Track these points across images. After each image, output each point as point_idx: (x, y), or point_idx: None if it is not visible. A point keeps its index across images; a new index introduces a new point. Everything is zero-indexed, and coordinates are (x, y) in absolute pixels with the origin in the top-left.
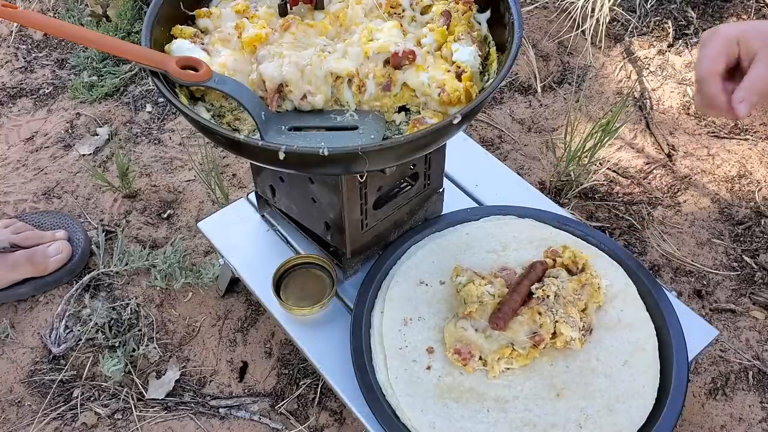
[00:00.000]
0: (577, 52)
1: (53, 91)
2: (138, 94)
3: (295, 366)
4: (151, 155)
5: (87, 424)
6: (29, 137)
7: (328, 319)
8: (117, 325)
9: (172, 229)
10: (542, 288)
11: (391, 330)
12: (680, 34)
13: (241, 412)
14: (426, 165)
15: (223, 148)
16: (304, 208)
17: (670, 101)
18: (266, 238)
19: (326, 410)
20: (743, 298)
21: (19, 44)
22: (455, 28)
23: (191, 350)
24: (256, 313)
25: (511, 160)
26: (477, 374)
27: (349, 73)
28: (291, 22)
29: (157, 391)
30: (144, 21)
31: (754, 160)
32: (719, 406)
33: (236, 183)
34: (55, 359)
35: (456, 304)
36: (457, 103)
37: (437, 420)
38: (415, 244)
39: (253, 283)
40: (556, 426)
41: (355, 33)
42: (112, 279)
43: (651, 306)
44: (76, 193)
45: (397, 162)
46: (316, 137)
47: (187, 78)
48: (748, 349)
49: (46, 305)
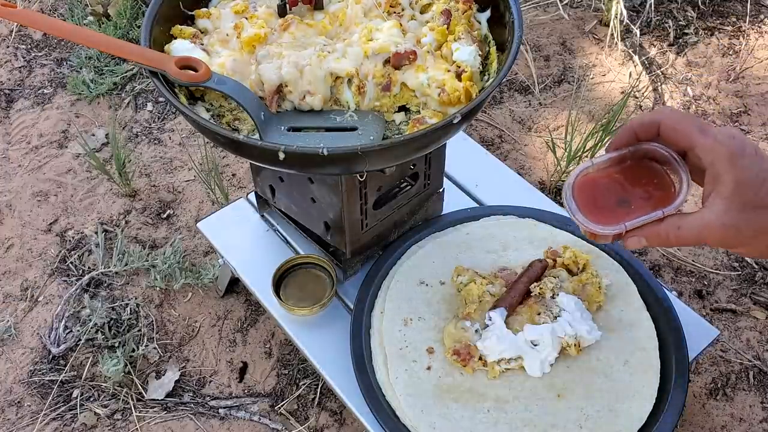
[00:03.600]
0: (577, 51)
1: (52, 90)
2: (138, 92)
3: (294, 366)
4: (150, 155)
5: (86, 425)
6: (28, 137)
7: (328, 319)
8: (116, 326)
9: (171, 229)
10: (540, 286)
11: (391, 330)
12: (680, 33)
13: (240, 413)
14: (426, 165)
15: (223, 148)
16: (303, 208)
17: (670, 101)
18: (266, 238)
19: (326, 411)
20: (744, 298)
21: (18, 44)
22: (455, 27)
23: (191, 350)
24: (256, 313)
25: (511, 160)
26: (477, 374)
27: (348, 73)
28: (290, 22)
29: (157, 391)
30: (143, 21)
31: None
32: (720, 406)
33: (236, 183)
34: (54, 359)
35: (456, 305)
36: (457, 103)
37: (437, 420)
38: (415, 244)
39: (252, 283)
40: (556, 426)
41: (355, 33)
42: (112, 279)
43: (651, 306)
44: (75, 193)
45: (397, 162)
46: (316, 137)
47: (187, 78)
48: (749, 349)
49: (46, 305)
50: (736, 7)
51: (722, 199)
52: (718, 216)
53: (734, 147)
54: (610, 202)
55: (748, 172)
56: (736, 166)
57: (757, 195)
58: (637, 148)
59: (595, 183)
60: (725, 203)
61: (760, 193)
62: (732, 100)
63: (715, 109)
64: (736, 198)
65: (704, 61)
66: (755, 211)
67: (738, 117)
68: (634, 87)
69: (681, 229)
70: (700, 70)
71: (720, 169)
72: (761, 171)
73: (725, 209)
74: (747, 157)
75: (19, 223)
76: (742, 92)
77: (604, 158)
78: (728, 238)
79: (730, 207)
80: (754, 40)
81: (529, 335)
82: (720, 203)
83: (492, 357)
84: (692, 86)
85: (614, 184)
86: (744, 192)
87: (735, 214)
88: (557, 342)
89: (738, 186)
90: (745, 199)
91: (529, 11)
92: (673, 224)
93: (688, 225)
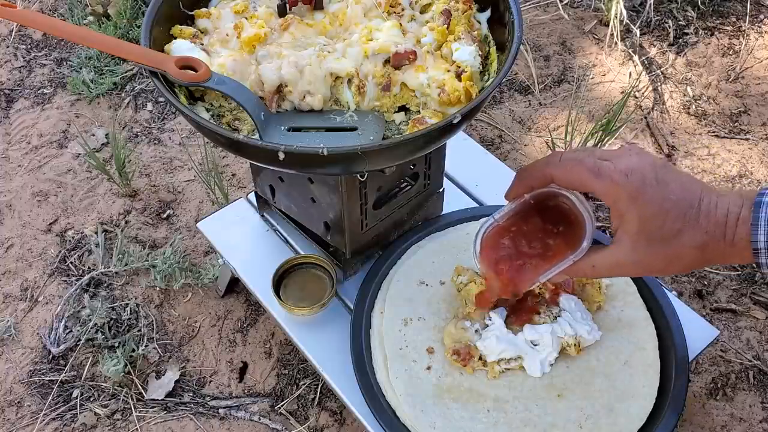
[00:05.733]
0: (577, 51)
1: (52, 90)
2: (138, 92)
3: (294, 366)
4: (150, 155)
5: (86, 425)
6: (28, 137)
7: (328, 319)
8: (116, 326)
9: (171, 229)
10: (538, 287)
11: (391, 330)
12: (680, 33)
13: (240, 413)
14: (426, 165)
15: (223, 148)
16: (303, 208)
17: (670, 101)
18: (266, 239)
19: (326, 411)
20: (744, 298)
21: (18, 44)
22: (455, 27)
23: (191, 350)
24: (255, 313)
25: (511, 160)
26: (477, 374)
27: (348, 74)
28: (290, 22)
29: (157, 391)
30: (143, 21)
31: (754, 160)
32: (720, 406)
33: (236, 183)
34: (54, 359)
35: (456, 305)
36: (457, 103)
37: (437, 420)
38: (415, 244)
39: (252, 284)
40: (556, 426)
41: (355, 33)
42: (112, 279)
43: (651, 306)
44: (75, 193)
45: (397, 162)
46: (316, 137)
47: (186, 78)
48: (749, 349)
49: (46, 305)
50: (736, 7)
51: (629, 237)
52: (626, 254)
53: (633, 185)
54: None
55: (651, 207)
56: (637, 203)
57: (663, 227)
58: (538, 192)
59: (502, 236)
60: (632, 240)
61: (666, 225)
62: (732, 100)
63: (715, 109)
64: (643, 234)
65: (704, 61)
66: (663, 243)
67: (738, 117)
68: (634, 87)
69: (595, 267)
70: (700, 70)
71: (622, 208)
72: (665, 201)
73: (632, 247)
74: (648, 191)
75: (19, 223)
76: (742, 92)
77: (504, 210)
78: (641, 270)
79: (637, 244)
80: (754, 40)
81: (529, 335)
82: (627, 240)
83: (492, 357)
84: (692, 86)
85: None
86: (649, 227)
87: (643, 249)
88: (557, 342)
89: (642, 222)
90: (652, 234)
91: (529, 11)
92: (588, 263)
93: (601, 263)
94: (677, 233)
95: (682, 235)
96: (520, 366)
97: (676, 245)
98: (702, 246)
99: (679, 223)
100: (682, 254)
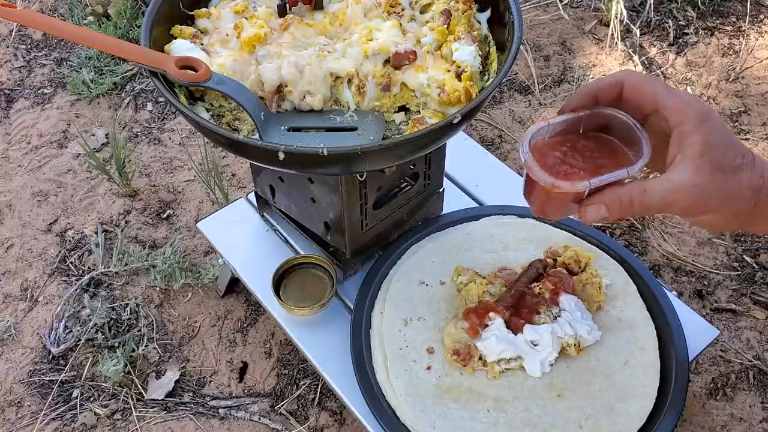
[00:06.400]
0: (577, 51)
1: (52, 90)
2: (138, 92)
3: (294, 366)
4: (150, 155)
5: (86, 425)
6: (28, 137)
7: (328, 319)
8: (116, 326)
9: (171, 230)
10: (538, 287)
11: (391, 330)
12: (680, 33)
13: (240, 413)
14: (426, 165)
15: (223, 148)
16: (303, 208)
17: None
18: (266, 239)
19: (326, 411)
20: (744, 297)
21: (18, 44)
22: (455, 27)
23: (191, 350)
24: (255, 313)
25: (511, 160)
26: (477, 374)
27: (348, 73)
28: (290, 22)
29: (157, 391)
30: (143, 21)
31: None
32: (720, 406)
33: (236, 183)
34: (54, 359)
35: (456, 305)
36: (456, 103)
37: (437, 420)
38: (415, 244)
39: (252, 284)
40: (556, 426)
41: (355, 33)
42: (112, 279)
43: (651, 306)
44: (75, 193)
45: (397, 162)
46: (316, 137)
47: (186, 78)
48: (749, 349)
49: (46, 305)
50: (736, 7)
51: (691, 160)
52: (687, 178)
53: (703, 108)
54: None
55: (717, 135)
56: (705, 126)
57: (725, 157)
58: (595, 111)
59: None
60: (695, 164)
61: (728, 156)
62: (732, 100)
63: (715, 109)
64: (707, 159)
65: (704, 61)
66: (724, 174)
67: (738, 117)
68: None
69: (646, 192)
70: (700, 70)
71: (688, 129)
72: (726, 135)
73: (695, 170)
74: (715, 118)
75: (19, 223)
76: (742, 92)
77: (560, 119)
78: (697, 202)
79: (700, 168)
80: (754, 40)
81: (529, 335)
82: (689, 164)
83: (492, 357)
84: (692, 86)
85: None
86: (713, 153)
87: (705, 175)
88: (557, 342)
89: (707, 147)
90: (715, 161)
91: (529, 11)
92: (638, 187)
93: (654, 188)
94: (737, 169)
95: (741, 171)
96: (520, 366)
97: (736, 180)
98: (757, 189)
99: (739, 159)
100: (740, 192)
